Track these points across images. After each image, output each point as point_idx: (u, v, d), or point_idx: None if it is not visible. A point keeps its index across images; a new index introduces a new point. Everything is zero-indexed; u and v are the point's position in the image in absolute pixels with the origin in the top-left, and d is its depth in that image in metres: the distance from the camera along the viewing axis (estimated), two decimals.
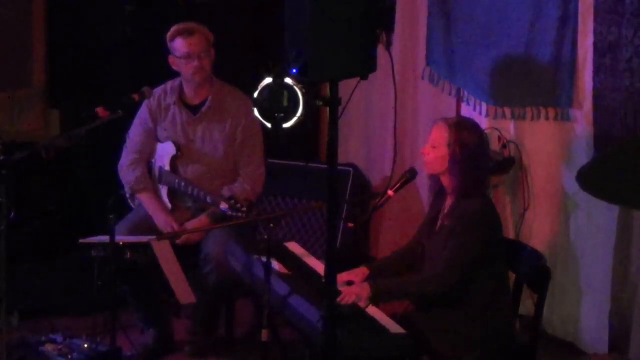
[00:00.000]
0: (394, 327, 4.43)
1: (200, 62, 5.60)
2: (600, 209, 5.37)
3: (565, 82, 5.47)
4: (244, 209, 5.07)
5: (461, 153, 4.62)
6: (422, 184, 5.53)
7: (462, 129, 4.66)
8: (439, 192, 4.81)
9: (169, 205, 5.74)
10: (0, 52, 6.76)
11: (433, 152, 4.68)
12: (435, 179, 4.78)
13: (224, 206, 5.14)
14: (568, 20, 5.42)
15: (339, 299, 4.45)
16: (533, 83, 5.61)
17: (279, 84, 4.14)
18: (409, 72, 6.32)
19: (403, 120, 6.30)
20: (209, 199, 5.42)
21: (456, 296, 4.59)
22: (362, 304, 4.53)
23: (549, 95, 5.56)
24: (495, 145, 5.77)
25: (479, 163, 4.69)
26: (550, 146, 5.67)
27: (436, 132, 4.70)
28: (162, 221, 5.65)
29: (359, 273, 4.80)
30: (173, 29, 5.65)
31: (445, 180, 4.71)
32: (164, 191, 5.76)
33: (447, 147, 4.64)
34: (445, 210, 4.74)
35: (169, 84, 5.76)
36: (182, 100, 5.74)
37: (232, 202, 5.09)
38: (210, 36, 5.66)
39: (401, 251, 4.97)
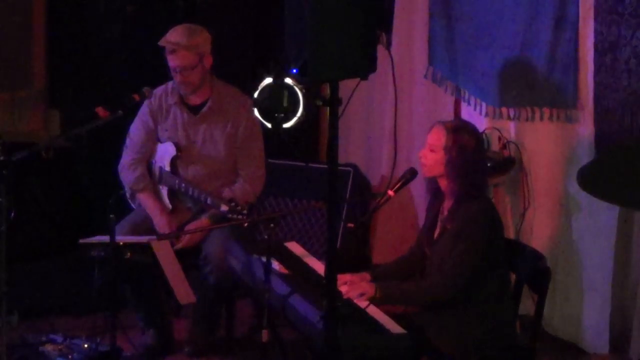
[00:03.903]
0: (394, 327, 4.43)
1: (183, 77, 5.57)
2: (600, 209, 5.37)
3: (566, 83, 5.47)
4: (245, 211, 5.07)
5: (458, 157, 4.61)
6: (417, 185, 5.53)
7: (460, 132, 4.65)
8: (436, 194, 4.80)
9: (169, 206, 5.74)
10: (0, 53, 6.76)
11: (430, 155, 4.67)
12: (432, 180, 4.77)
13: (224, 208, 5.13)
14: (564, 21, 5.43)
15: (343, 292, 4.46)
16: (529, 83, 5.61)
17: (279, 84, 4.14)
18: (406, 72, 6.33)
19: (401, 120, 6.30)
20: (209, 201, 5.42)
21: (459, 298, 4.58)
22: (362, 304, 4.53)
23: (545, 95, 5.57)
24: (495, 145, 5.77)
25: (476, 167, 4.68)
26: (551, 146, 5.67)
27: (434, 135, 4.69)
28: (159, 222, 5.64)
29: (361, 277, 4.79)
30: (164, 37, 5.59)
31: (443, 183, 4.70)
32: (164, 192, 5.76)
33: (444, 151, 4.63)
34: (445, 213, 4.73)
35: (170, 84, 5.75)
36: (182, 101, 5.73)
37: (233, 204, 5.08)
38: (201, 48, 5.54)
39: (403, 258, 4.97)
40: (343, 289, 4.57)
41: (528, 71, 5.61)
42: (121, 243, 5.20)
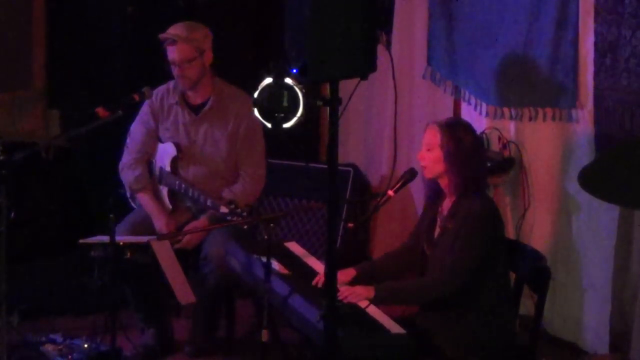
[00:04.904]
0: (394, 327, 4.43)
1: (182, 71, 5.58)
2: (600, 209, 5.37)
3: (566, 83, 5.47)
4: (244, 213, 5.08)
5: (455, 150, 4.61)
6: (417, 185, 5.54)
7: (454, 127, 4.66)
8: (434, 195, 4.80)
9: (169, 206, 5.74)
10: (0, 53, 6.76)
11: (428, 155, 4.67)
12: (431, 181, 4.77)
13: (224, 210, 5.13)
14: (566, 21, 5.43)
15: (339, 296, 4.46)
16: (531, 83, 5.61)
17: (279, 84, 4.14)
18: (406, 72, 6.33)
19: (401, 121, 6.30)
20: (209, 202, 5.41)
21: (459, 297, 4.58)
22: (362, 304, 4.53)
23: (547, 95, 5.57)
24: (495, 145, 5.77)
25: (475, 159, 4.68)
26: (551, 146, 5.67)
27: (428, 134, 4.69)
28: (159, 222, 5.64)
29: (346, 274, 4.79)
30: (165, 32, 5.62)
31: (444, 182, 4.70)
32: (164, 192, 5.76)
33: (440, 148, 4.63)
34: (445, 212, 4.73)
35: (171, 84, 5.76)
36: (184, 100, 5.73)
37: (233, 206, 5.08)
38: (201, 43, 5.58)
39: (391, 254, 4.96)
40: (340, 289, 4.57)
41: (530, 71, 5.61)
42: (121, 243, 5.20)
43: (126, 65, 6.67)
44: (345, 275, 4.76)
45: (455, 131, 4.65)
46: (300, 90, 4.12)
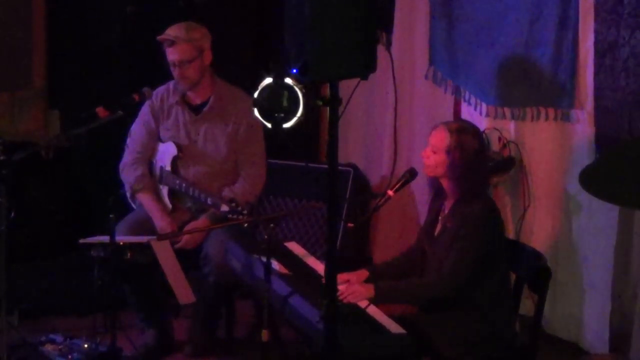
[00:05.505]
0: (394, 327, 4.43)
1: (182, 71, 5.59)
2: (600, 209, 5.37)
3: (566, 83, 5.47)
4: (245, 211, 5.08)
5: (460, 159, 4.62)
6: (418, 184, 5.54)
7: (462, 134, 4.65)
8: (438, 192, 4.80)
9: (169, 206, 5.74)
10: (0, 53, 6.76)
11: (433, 156, 4.68)
12: (434, 180, 4.78)
13: (224, 208, 5.14)
14: (567, 21, 5.43)
15: (340, 296, 4.46)
16: (532, 83, 5.61)
17: (279, 84, 4.14)
18: (406, 72, 6.33)
19: (401, 121, 6.30)
20: (209, 201, 5.42)
21: (459, 297, 4.59)
22: (362, 304, 4.54)
23: (549, 95, 5.57)
24: (495, 145, 5.78)
25: (478, 168, 4.68)
26: (551, 146, 5.67)
27: (436, 136, 4.69)
28: (160, 222, 5.64)
29: (358, 275, 4.80)
30: (163, 34, 5.62)
31: (445, 183, 4.71)
32: (164, 191, 5.76)
33: (446, 153, 4.63)
34: (446, 212, 4.74)
35: (171, 84, 5.76)
36: (184, 100, 5.74)
37: (233, 204, 5.09)
38: (200, 42, 5.60)
39: (401, 256, 4.97)
40: (340, 289, 4.58)
41: (532, 71, 5.60)
42: (121, 243, 5.21)
43: (126, 65, 6.67)
44: (358, 276, 4.77)
45: (463, 138, 4.63)
46: (300, 90, 4.12)
